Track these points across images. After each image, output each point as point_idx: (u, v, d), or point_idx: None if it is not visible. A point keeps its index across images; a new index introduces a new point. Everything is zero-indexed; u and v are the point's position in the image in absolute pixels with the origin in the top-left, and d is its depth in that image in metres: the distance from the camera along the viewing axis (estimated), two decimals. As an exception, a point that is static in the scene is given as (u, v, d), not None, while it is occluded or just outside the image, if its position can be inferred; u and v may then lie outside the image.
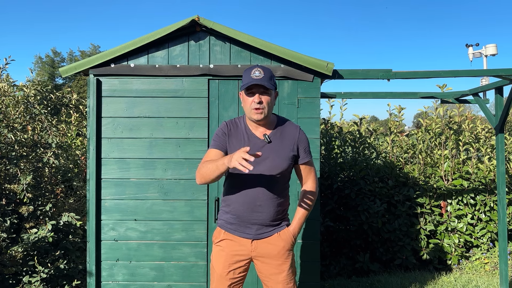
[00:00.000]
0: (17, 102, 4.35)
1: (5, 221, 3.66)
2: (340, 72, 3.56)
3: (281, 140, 2.45)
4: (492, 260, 5.53)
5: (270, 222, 2.44)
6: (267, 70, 2.37)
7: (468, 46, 5.19)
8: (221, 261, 2.46)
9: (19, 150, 4.15)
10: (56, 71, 39.39)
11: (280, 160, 2.40)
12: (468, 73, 3.73)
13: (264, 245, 2.45)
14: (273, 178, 2.40)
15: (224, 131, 2.45)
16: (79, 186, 4.68)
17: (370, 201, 5.54)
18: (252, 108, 2.34)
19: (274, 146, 2.42)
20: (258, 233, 2.44)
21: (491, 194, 5.68)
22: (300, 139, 2.49)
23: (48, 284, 3.77)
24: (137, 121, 3.48)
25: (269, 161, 2.39)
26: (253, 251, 2.45)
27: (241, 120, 2.50)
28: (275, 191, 2.42)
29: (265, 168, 2.38)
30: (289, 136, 2.47)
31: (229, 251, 2.45)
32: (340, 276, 5.39)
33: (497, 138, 4.25)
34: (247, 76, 2.36)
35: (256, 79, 2.31)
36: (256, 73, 2.34)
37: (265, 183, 2.39)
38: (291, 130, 2.49)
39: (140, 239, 3.47)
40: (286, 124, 2.52)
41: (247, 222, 2.43)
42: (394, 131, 6.32)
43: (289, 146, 2.45)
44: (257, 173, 2.36)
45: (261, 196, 2.40)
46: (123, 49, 3.40)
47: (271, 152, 2.40)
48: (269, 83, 2.33)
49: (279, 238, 2.46)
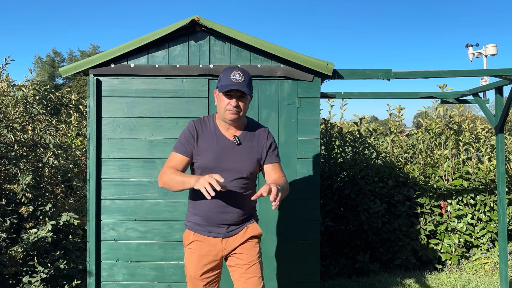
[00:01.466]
0: (17, 102, 4.34)
1: (5, 221, 3.66)
2: (340, 72, 3.56)
3: (250, 142, 2.46)
4: (492, 260, 5.53)
5: (239, 221, 2.46)
6: (246, 74, 2.37)
7: (468, 46, 5.19)
8: (193, 263, 2.45)
9: (19, 150, 4.14)
10: (56, 71, 39.37)
11: (249, 162, 2.42)
12: (468, 73, 3.73)
13: (233, 241, 2.46)
14: (241, 179, 2.41)
15: (192, 134, 2.43)
16: (79, 186, 4.67)
17: (370, 201, 5.53)
18: (228, 109, 2.34)
19: (244, 148, 2.43)
20: (228, 231, 2.46)
21: (491, 194, 5.68)
22: (269, 142, 2.49)
23: (48, 284, 3.77)
24: (137, 121, 3.48)
25: (239, 163, 2.40)
26: (223, 249, 2.46)
27: (210, 120, 2.49)
28: (243, 192, 2.42)
29: (233, 170, 2.38)
30: (258, 138, 2.48)
31: (200, 252, 2.45)
32: (340, 276, 5.39)
33: (497, 138, 4.25)
34: (226, 78, 2.34)
35: (236, 83, 2.30)
36: (236, 76, 2.32)
37: (233, 185, 2.38)
38: (260, 133, 2.51)
39: (140, 239, 3.46)
40: (256, 126, 2.54)
41: (216, 223, 2.43)
42: (394, 131, 6.32)
43: (257, 147, 2.46)
44: (226, 175, 2.33)
45: (230, 198, 2.39)
46: (123, 49, 3.40)
47: (240, 154, 2.42)
48: (248, 89, 2.34)
49: (248, 230, 2.49)
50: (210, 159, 2.39)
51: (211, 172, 2.31)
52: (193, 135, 2.43)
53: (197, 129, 2.44)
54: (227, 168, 2.38)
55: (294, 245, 3.46)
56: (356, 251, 5.65)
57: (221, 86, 2.35)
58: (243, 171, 2.40)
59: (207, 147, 2.40)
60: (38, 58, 42.72)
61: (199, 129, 2.44)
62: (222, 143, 2.42)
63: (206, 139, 2.42)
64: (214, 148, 2.41)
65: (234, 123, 2.42)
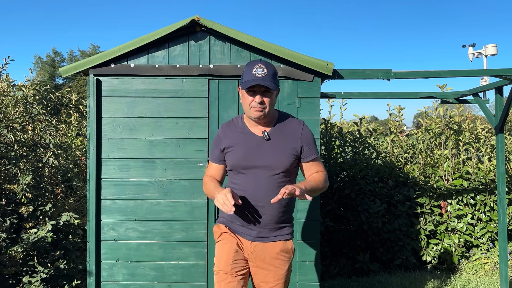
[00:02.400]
0: (17, 102, 4.34)
1: (5, 221, 3.66)
2: (340, 72, 3.56)
3: (282, 137, 2.30)
4: (492, 260, 5.53)
5: (273, 225, 2.30)
6: (270, 67, 2.23)
7: (465, 47, 5.19)
8: (224, 254, 2.30)
9: (19, 150, 4.14)
10: (56, 71, 39.40)
11: (281, 158, 2.26)
12: (468, 73, 3.72)
13: (263, 250, 2.31)
14: (275, 177, 2.26)
15: (219, 137, 2.38)
16: (79, 186, 4.67)
17: (370, 201, 5.53)
18: (252, 106, 2.23)
19: (274, 143, 2.29)
20: (260, 235, 2.30)
21: (491, 194, 5.68)
22: (304, 135, 2.33)
23: (48, 284, 3.77)
24: (137, 121, 3.48)
25: (270, 159, 2.25)
26: (251, 252, 2.32)
27: (238, 119, 2.40)
28: (277, 191, 2.22)
29: (266, 167, 2.25)
30: (291, 132, 2.32)
31: (232, 243, 2.31)
32: (340, 276, 5.39)
33: (497, 138, 4.25)
34: (249, 73, 2.21)
35: (259, 78, 2.18)
36: (259, 70, 2.19)
37: (266, 182, 2.25)
38: (294, 126, 2.35)
39: (140, 239, 3.46)
40: (288, 119, 2.37)
41: (247, 223, 2.30)
42: (394, 131, 6.32)
43: (291, 143, 2.30)
44: (258, 172, 2.25)
45: (263, 197, 2.25)
46: (123, 49, 3.40)
47: (271, 149, 2.27)
48: (272, 83, 2.20)
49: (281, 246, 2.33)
50: (239, 157, 2.29)
51: (243, 170, 2.26)
52: (220, 139, 2.37)
53: (224, 131, 2.37)
54: (259, 165, 2.26)
55: (294, 245, 3.45)
56: (356, 251, 5.65)
57: (244, 83, 2.23)
58: (276, 168, 2.25)
59: (235, 146, 2.31)
60: (38, 58, 42.78)
61: (226, 131, 2.37)
62: (251, 140, 2.30)
63: (234, 139, 2.32)
64: (242, 146, 2.30)
65: (261, 121, 2.29)
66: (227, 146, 2.32)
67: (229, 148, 2.32)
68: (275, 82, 2.24)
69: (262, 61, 2.27)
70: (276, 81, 2.25)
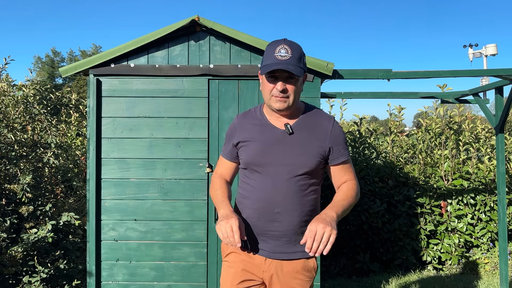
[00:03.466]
0: (17, 102, 4.34)
1: (5, 221, 3.66)
2: (340, 72, 3.56)
3: (308, 132, 1.91)
4: (492, 260, 5.53)
5: (292, 236, 1.90)
6: (295, 48, 1.84)
7: (466, 47, 5.20)
8: (228, 279, 1.95)
9: (19, 150, 4.14)
10: (56, 71, 39.45)
11: (305, 157, 1.87)
12: (468, 73, 3.72)
13: (280, 269, 1.91)
14: (296, 179, 1.88)
15: (232, 130, 2.03)
16: (79, 186, 4.67)
17: (370, 201, 5.54)
18: (273, 95, 1.85)
19: (299, 139, 1.89)
20: (276, 250, 1.91)
21: (491, 194, 5.68)
22: (334, 133, 1.92)
23: (48, 284, 3.77)
24: (137, 121, 3.48)
25: (291, 157, 1.87)
26: (265, 271, 1.92)
27: (257, 109, 2.02)
28: (299, 196, 1.89)
29: (286, 166, 1.87)
30: (319, 129, 1.92)
31: (238, 266, 1.94)
32: (340, 276, 5.39)
33: (497, 138, 4.25)
34: (270, 55, 1.83)
35: (281, 62, 1.79)
36: (282, 52, 1.81)
37: (285, 185, 1.87)
38: (323, 121, 1.95)
39: (140, 239, 3.46)
40: (317, 113, 1.99)
41: (261, 234, 1.91)
42: (394, 131, 6.32)
43: (318, 140, 1.90)
44: (276, 172, 1.88)
45: (281, 202, 1.87)
46: (123, 49, 3.40)
47: (294, 145, 1.89)
48: (298, 67, 1.81)
49: (302, 264, 1.93)
50: (255, 153, 1.91)
51: (258, 168, 1.91)
52: (234, 131, 2.01)
53: (240, 122, 2.01)
54: (277, 163, 1.88)
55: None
56: (356, 251, 5.65)
57: (263, 67, 1.84)
58: (298, 168, 1.87)
59: (251, 140, 1.93)
60: (38, 58, 42.82)
61: (242, 122, 2.00)
62: (270, 133, 1.91)
63: (249, 131, 1.95)
64: (259, 140, 1.92)
65: (283, 112, 1.90)
66: (242, 139, 1.96)
67: (244, 142, 1.95)
68: (301, 66, 1.85)
69: (286, 40, 1.86)
70: (302, 65, 1.86)
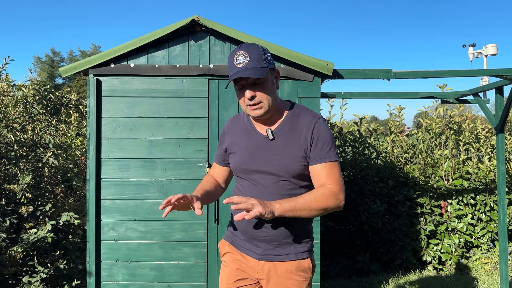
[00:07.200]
0: (17, 102, 4.34)
1: (5, 221, 3.65)
2: (340, 72, 3.56)
3: (290, 136, 1.85)
4: (492, 260, 5.52)
5: (282, 240, 1.86)
6: (252, 50, 1.76)
7: (466, 47, 5.19)
8: (224, 279, 1.97)
9: (19, 150, 4.14)
10: (55, 71, 39.44)
11: (286, 162, 1.82)
12: (468, 73, 3.72)
13: (273, 270, 1.88)
14: (281, 184, 1.84)
15: (223, 135, 2.05)
16: (79, 186, 4.67)
17: (370, 201, 5.54)
18: (247, 104, 1.81)
19: (280, 144, 1.85)
20: (268, 253, 1.87)
21: (491, 194, 5.68)
22: (316, 131, 1.82)
23: (48, 284, 3.77)
24: (137, 121, 3.47)
25: (273, 163, 1.83)
26: (259, 272, 1.90)
27: (244, 114, 2.00)
28: None
29: (269, 172, 1.84)
30: (301, 130, 1.84)
31: (233, 266, 1.95)
32: (340, 276, 5.39)
33: (497, 138, 4.25)
34: (231, 66, 1.79)
35: (240, 69, 1.73)
36: (239, 58, 1.74)
37: (272, 190, 1.83)
38: (306, 121, 1.85)
39: (140, 239, 3.46)
40: (302, 113, 1.89)
41: (252, 238, 1.89)
42: (394, 131, 6.32)
43: (299, 143, 1.83)
44: (262, 178, 1.86)
45: None
46: (123, 49, 3.39)
47: (276, 152, 1.85)
48: (257, 69, 1.72)
49: (296, 265, 1.87)
50: (241, 160, 1.91)
51: (244, 176, 1.90)
52: (223, 136, 2.03)
53: (229, 126, 2.02)
54: (261, 170, 1.85)
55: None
56: (356, 251, 5.64)
57: (229, 78, 1.81)
58: (282, 173, 1.82)
59: (238, 146, 1.93)
60: (37, 58, 42.82)
61: (231, 127, 2.01)
62: (255, 139, 1.89)
63: (237, 137, 1.95)
64: (245, 147, 1.91)
65: (262, 119, 1.86)
66: (229, 145, 1.97)
67: (231, 148, 1.97)
68: (264, 65, 1.75)
69: (242, 46, 1.79)
70: (265, 63, 1.76)
